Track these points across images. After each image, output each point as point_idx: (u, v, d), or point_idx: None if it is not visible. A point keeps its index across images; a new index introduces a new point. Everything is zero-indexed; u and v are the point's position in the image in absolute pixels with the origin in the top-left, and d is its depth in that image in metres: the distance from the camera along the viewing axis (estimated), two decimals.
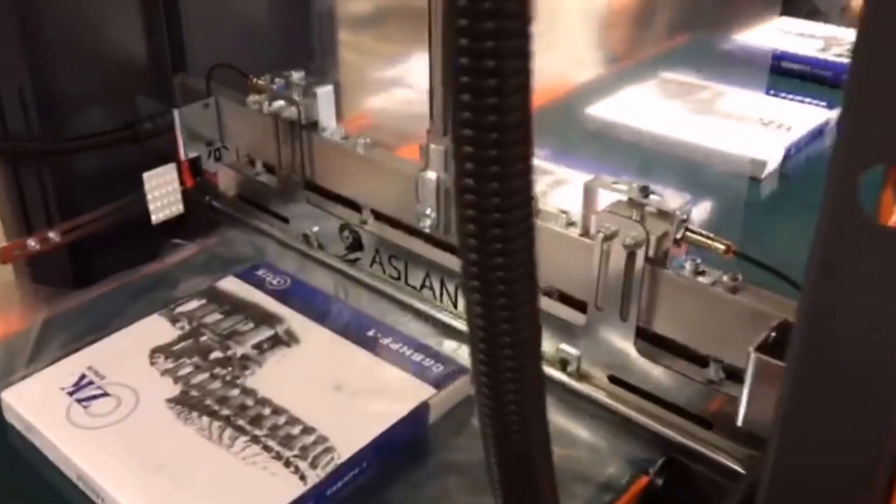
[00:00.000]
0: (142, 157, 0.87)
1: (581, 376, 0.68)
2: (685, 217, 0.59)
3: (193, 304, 0.73)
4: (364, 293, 0.79)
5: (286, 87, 0.80)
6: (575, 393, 0.67)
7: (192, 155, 0.88)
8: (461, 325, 0.74)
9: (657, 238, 0.59)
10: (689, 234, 0.59)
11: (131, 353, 0.68)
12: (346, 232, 0.81)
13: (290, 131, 0.81)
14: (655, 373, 0.63)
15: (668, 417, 0.63)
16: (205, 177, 0.93)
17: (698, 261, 0.60)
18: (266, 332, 0.71)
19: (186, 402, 0.63)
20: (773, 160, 1.02)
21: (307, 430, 0.61)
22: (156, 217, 0.87)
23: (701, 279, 0.59)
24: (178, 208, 0.88)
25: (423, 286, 0.77)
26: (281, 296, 0.75)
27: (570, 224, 0.65)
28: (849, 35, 1.36)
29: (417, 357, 0.68)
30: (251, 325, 0.71)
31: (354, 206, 0.81)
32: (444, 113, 0.68)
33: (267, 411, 0.63)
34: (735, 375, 0.59)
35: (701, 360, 0.62)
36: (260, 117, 0.82)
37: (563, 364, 0.68)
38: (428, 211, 0.72)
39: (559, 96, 1.25)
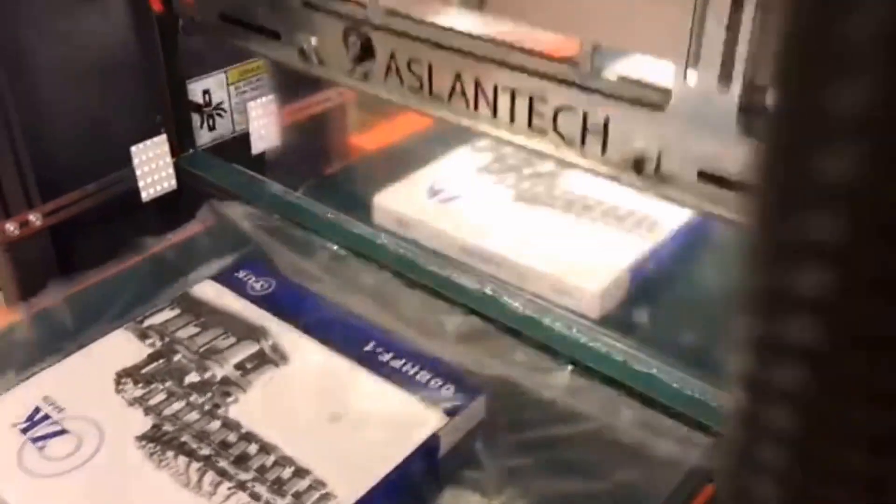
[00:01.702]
0: (128, 125, 0.77)
1: (662, 179, 0.54)
2: None
3: (165, 316, 0.64)
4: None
5: None
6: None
7: None
8: (504, 133, 0.61)
9: None
10: None
11: (94, 378, 0.59)
12: (353, 37, 0.66)
13: None
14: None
15: None
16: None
17: None
18: (250, 349, 0.61)
19: (159, 439, 0.54)
20: None
21: (301, 472, 0.52)
22: (146, 194, 0.79)
23: None
24: (170, 184, 0.80)
25: (451, 93, 0.62)
26: (265, 302, 0.66)
27: None
28: None
29: (424, 376, 0.59)
30: (232, 339, 0.62)
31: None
32: None
33: (253, 449, 0.54)
34: None
35: None
36: None
37: (637, 166, 0.54)
38: None
39: None
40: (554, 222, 0.77)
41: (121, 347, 0.61)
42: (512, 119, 0.60)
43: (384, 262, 0.74)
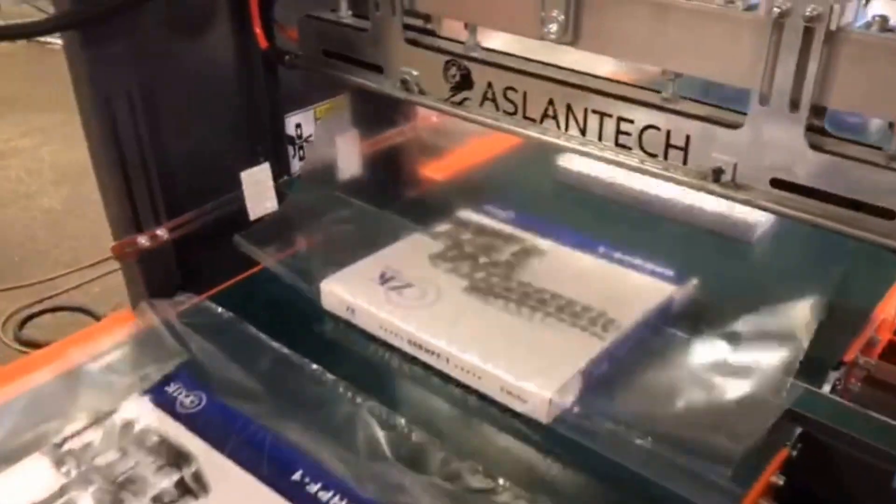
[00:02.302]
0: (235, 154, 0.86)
1: (738, 186, 0.60)
2: None
3: (86, 438, 0.61)
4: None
5: None
6: None
7: None
8: (593, 149, 0.67)
9: (841, 5, 0.51)
10: None
11: None
12: (453, 69, 0.72)
13: None
14: (827, 167, 0.56)
15: (842, 215, 0.57)
16: (278, 31, 0.83)
17: (887, 16, 0.53)
18: (171, 477, 0.58)
19: None
20: (764, 220, 0.88)
21: None
22: (253, 213, 0.87)
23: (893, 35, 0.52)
24: (272, 205, 0.89)
25: (544, 116, 0.69)
26: (193, 422, 0.62)
27: (730, 1, 0.56)
28: None
29: None
30: (153, 467, 0.59)
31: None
32: None
33: None
34: None
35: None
36: None
37: (716, 175, 0.60)
38: (555, 13, 0.62)
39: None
40: (507, 317, 0.74)
41: (33, 477, 0.58)
42: (600, 137, 0.66)
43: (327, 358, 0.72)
